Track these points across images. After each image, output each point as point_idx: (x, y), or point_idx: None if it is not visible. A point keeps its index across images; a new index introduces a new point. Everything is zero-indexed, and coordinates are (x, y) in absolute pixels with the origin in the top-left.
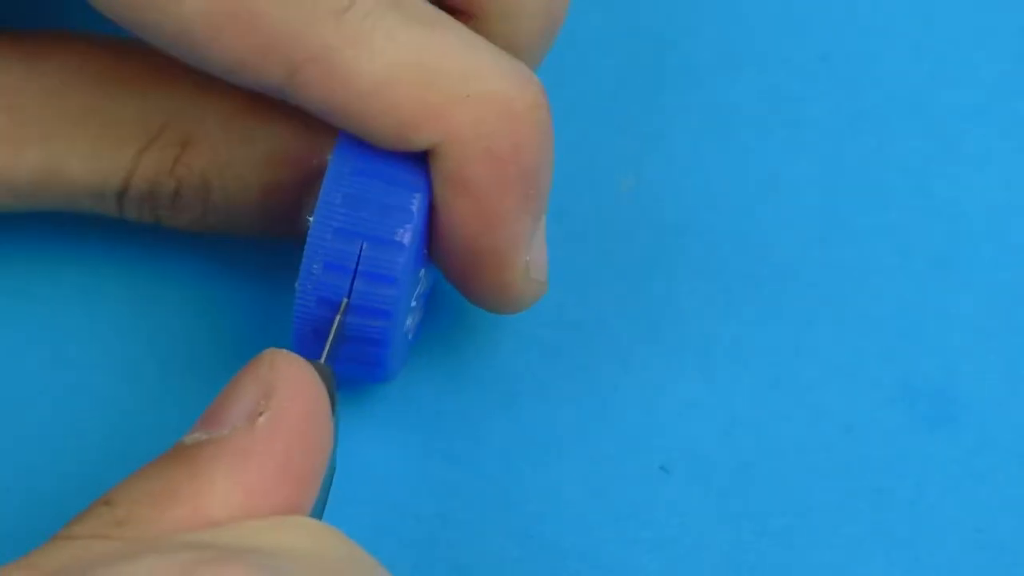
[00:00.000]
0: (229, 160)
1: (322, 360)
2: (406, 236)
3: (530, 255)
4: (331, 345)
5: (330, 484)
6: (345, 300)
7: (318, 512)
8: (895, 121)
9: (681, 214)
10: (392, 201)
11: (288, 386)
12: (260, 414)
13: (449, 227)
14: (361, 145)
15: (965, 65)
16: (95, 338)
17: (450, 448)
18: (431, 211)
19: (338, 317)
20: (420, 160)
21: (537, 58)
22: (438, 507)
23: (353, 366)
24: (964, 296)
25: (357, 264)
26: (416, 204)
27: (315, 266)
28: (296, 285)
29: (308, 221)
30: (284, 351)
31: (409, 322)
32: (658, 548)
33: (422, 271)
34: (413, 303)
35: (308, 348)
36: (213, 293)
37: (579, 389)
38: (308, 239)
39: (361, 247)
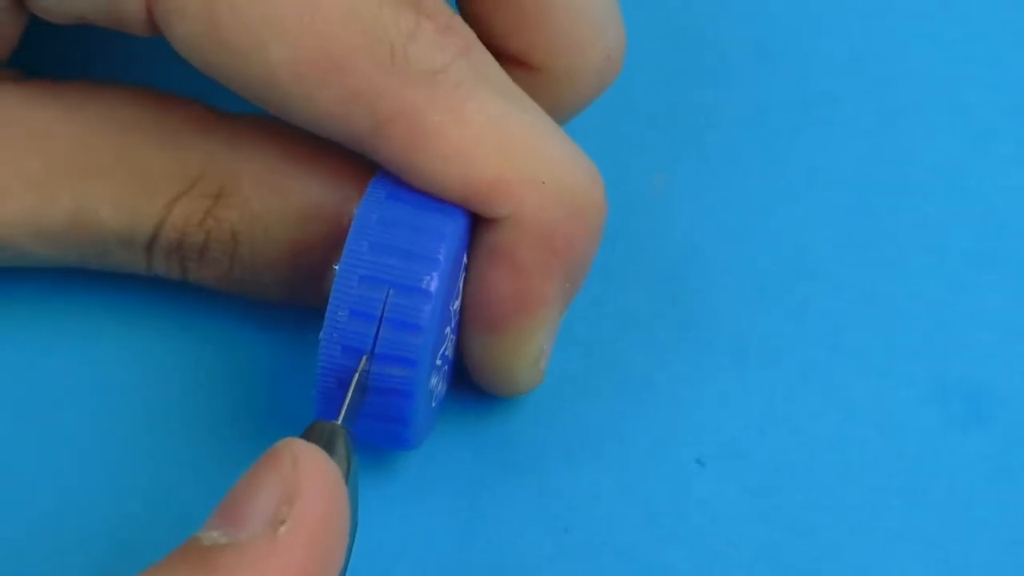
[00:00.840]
0: (260, 214)
1: (340, 418)
2: (432, 283)
3: (547, 344)
4: (353, 400)
5: (353, 543)
6: (365, 358)
7: None
8: (929, 119)
9: (714, 211)
10: (419, 249)
11: (311, 491)
12: (282, 522)
13: (478, 295)
14: (389, 196)
15: (998, 62)
16: (104, 391)
17: (482, 444)
18: (463, 273)
19: (358, 373)
20: (449, 212)
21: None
22: (472, 502)
23: (377, 424)
24: (998, 295)
25: (383, 311)
26: (443, 253)
27: (341, 313)
28: (320, 335)
29: (332, 283)
30: (306, 445)
31: (434, 382)
32: (691, 544)
33: (448, 329)
34: (439, 361)
35: (332, 400)
36: (232, 350)
37: (613, 385)
38: (334, 287)
39: (387, 294)
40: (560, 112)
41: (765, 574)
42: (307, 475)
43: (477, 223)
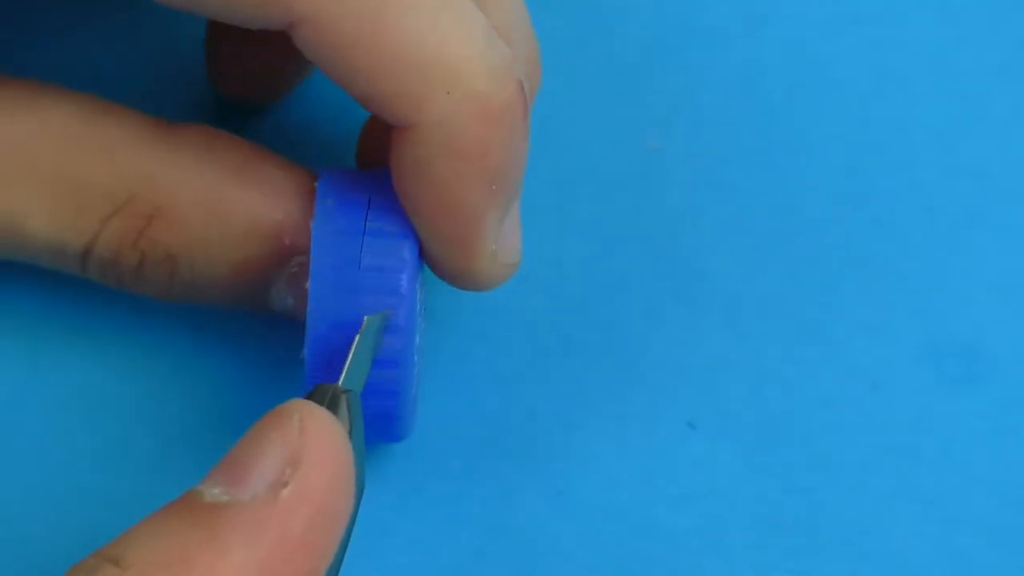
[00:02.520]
0: (198, 237)
1: (341, 380)
2: (403, 284)
3: (498, 243)
4: (357, 364)
5: (358, 508)
6: (367, 318)
7: (337, 563)
8: (922, 80)
9: (708, 172)
10: (381, 284)
11: (317, 456)
12: (285, 485)
13: (412, 214)
14: (338, 232)
15: (991, 25)
16: (87, 394)
17: (477, 405)
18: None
19: (358, 336)
20: (404, 236)
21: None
22: (466, 464)
23: (367, 423)
24: (991, 254)
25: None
26: (407, 252)
27: (319, 361)
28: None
29: (276, 299)
30: (313, 407)
31: (415, 372)
32: (686, 504)
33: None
34: (416, 353)
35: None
36: (208, 356)
37: (607, 346)
38: (307, 336)
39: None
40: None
41: (760, 533)
42: (313, 438)
43: (393, 134)
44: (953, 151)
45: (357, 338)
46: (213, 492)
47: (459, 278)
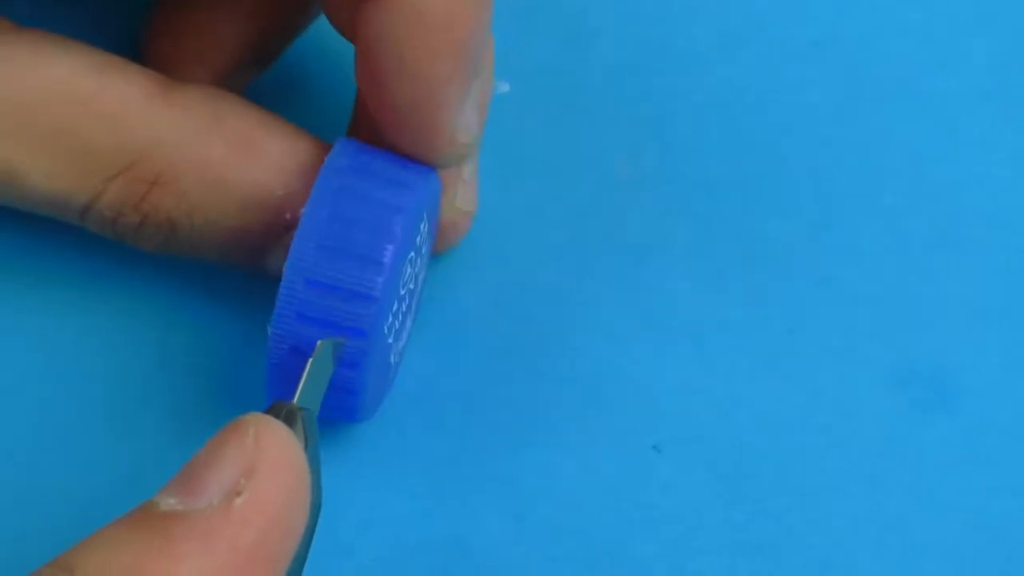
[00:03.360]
0: (199, 204)
1: (296, 398)
2: (387, 256)
3: (460, 119)
4: (312, 383)
5: (312, 535)
6: (320, 343)
7: (297, 569)
8: (892, 104)
9: (677, 196)
10: (365, 252)
11: (271, 467)
12: (239, 494)
13: (376, 85)
14: (337, 192)
15: (961, 48)
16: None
17: (443, 427)
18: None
19: (311, 361)
20: (397, 209)
21: None
22: (431, 485)
23: (329, 395)
24: (960, 280)
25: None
26: (389, 255)
27: (297, 284)
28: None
29: (274, 266)
30: (269, 419)
31: (386, 353)
32: (652, 528)
33: (403, 304)
34: (389, 333)
35: (285, 373)
36: (188, 317)
37: (573, 370)
38: (281, 286)
39: (333, 300)
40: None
41: (726, 559)
42: (268, 449)
43: (359, 9)
44: (922, 176)
45: (311, 361)
46: (169, 502)
47: (417, 151)
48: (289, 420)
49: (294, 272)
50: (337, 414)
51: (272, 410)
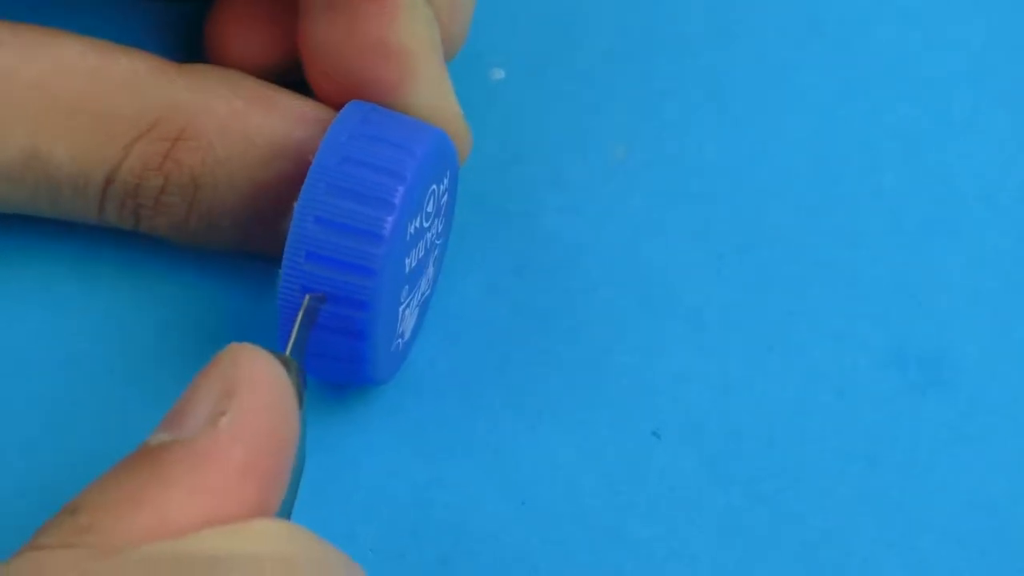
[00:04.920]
0: (223, 158)
1: (288, 350)
2: (387, 227)
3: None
4: (304, 338)
5: (300, 478)
6: (308, 297)
7: (288, 506)
8: (885, 88)
9: (673, 181)
10: (375, 192)
11: (250, 383)
12: (222, 414)
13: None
14: (350, 136)
15: (954, 32)
16: (67, 339)
17: (443, 413)
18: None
19: (300, 312)
20: (409, 152)
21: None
22: (431, 471)
23: (337, 364)
24: (955, 261)
25: (338, 255)
26: (399, 197)
27: (299, 257)
28: (280, 273)
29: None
30: (248, 345)
31: (401, 327)
32: (650, 513)
33: (420, 277)
34: (404, 307)
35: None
36: (195, 295)
37: (572, 355)
38: (291, 228)
39: (342, 238)
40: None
41: (725, 541)
42: (246, 369)
43: None
44: (917, 158)
45: (300, 313)
46: (159, 438)
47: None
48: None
49: (304, 211)
50: (348, 370)
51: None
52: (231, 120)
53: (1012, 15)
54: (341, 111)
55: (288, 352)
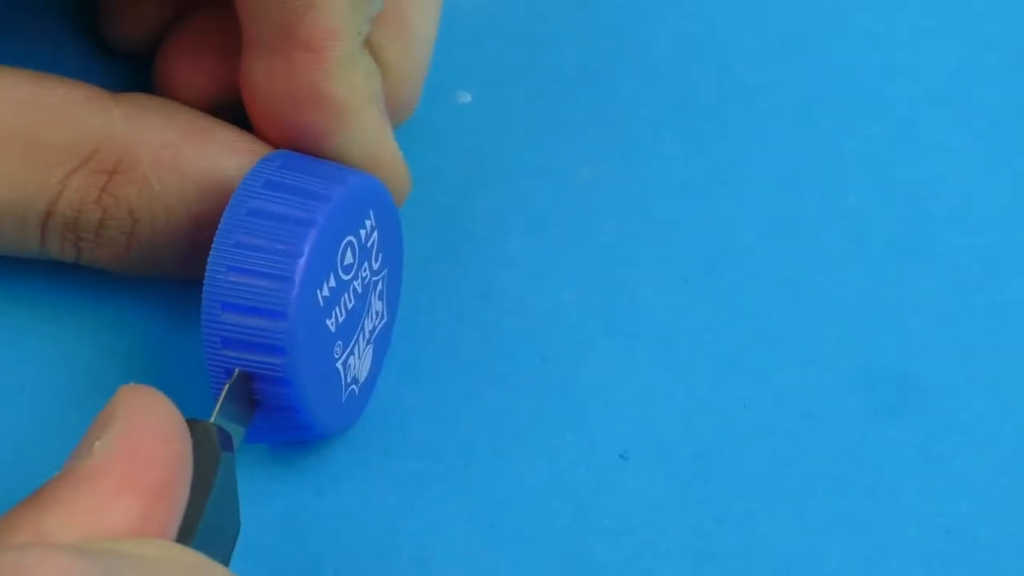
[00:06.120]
0: (159, 191)
1: (213, 417)
2: (297, 272)
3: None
4: (242, 409)
5: (235, 540)
6: (236, 372)
7: (223, 557)
8: (852, 110)
9: (639, 204)
10: (286, 238)
11: (125, 411)
12: (97, 439)
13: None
14: (260, 186)
15: (920, 54)
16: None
17: (411, 439)
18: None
19: (228, 385)
20: (324, 197)
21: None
22: (400, 497)
23: (277, 417)
24: (922, 283)
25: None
26: (309, 243)
27: (215, 307)
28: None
29: None
30: (134, 384)
31: (350, 375)
32: (619, 536)
33: (358, 321)
34: (343, 360)
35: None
36: (132, 321)
37: (539, 378)
38: (206, 280)
39: (255, 283)
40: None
41: (694, 565)
42: (123, 401)
43: None
44: (883, 180)
45: (227, 385)
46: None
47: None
48: (202, 438)
49: (211, 297)
50: (295, 433)
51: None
52: (165, 152)
53: (978, 37)
54: (245, 176)
55: (213, 418)
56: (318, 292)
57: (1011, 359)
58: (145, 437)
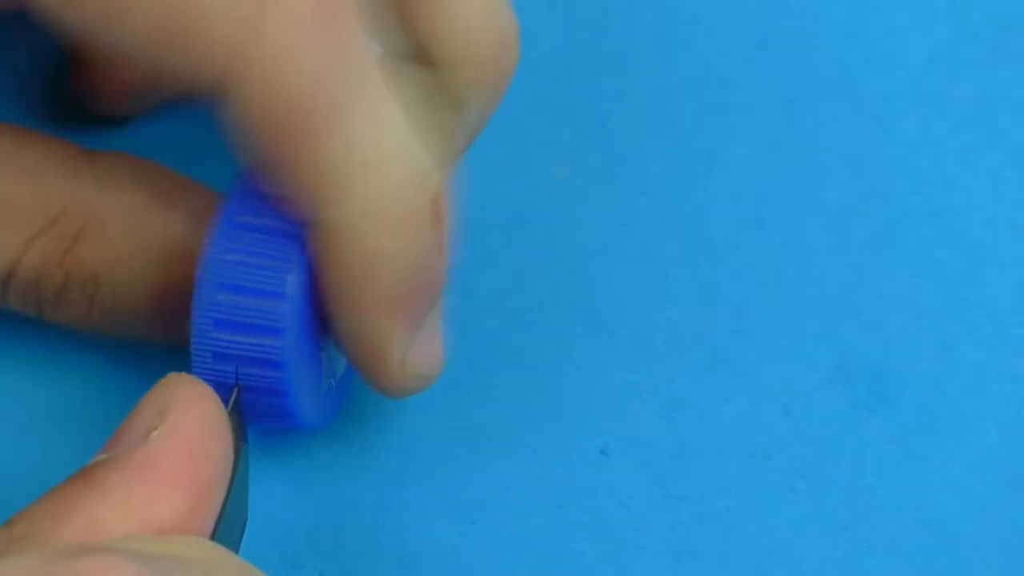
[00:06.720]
0: (123, 256)
1: (228, 408)
2: (288, 286)
3: (409, 354)
4: (236, 399)
5: (244, 524)
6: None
7: (233, 547)
8: (830, 104)
9: (618, 198)
10: (274, 256)
11: (183, 403)
12: (154, 429)
13: (330, 302)
14: (245, 212)
15: (898, 48)
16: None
17: (390, 436)
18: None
19: (231, 401)
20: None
21: (484, 112)
22: (379, 495)
23: (268, 418)
24: (900, 277)
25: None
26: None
27: (207, 324)
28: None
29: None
30: (184, 374)
31: (329, 375)
32: (598, 533)
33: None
34: (322, 342)
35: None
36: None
37: (519, 375)
38: (195, 295)
39: (248, 301)
40: (467, 110)
41: (673, 561)
42: (179, 391)
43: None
44: (861, 175)
45: (235, 390)
46: (98, 458)
47: (367, 376)
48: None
49: (205, 279)
50: (276, 420)
51: None
52: (131, 217)
53: (955, 32)
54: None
55: (229, 408)
56: (311, 279)
57: (989, 353)
58: (198, 431)
